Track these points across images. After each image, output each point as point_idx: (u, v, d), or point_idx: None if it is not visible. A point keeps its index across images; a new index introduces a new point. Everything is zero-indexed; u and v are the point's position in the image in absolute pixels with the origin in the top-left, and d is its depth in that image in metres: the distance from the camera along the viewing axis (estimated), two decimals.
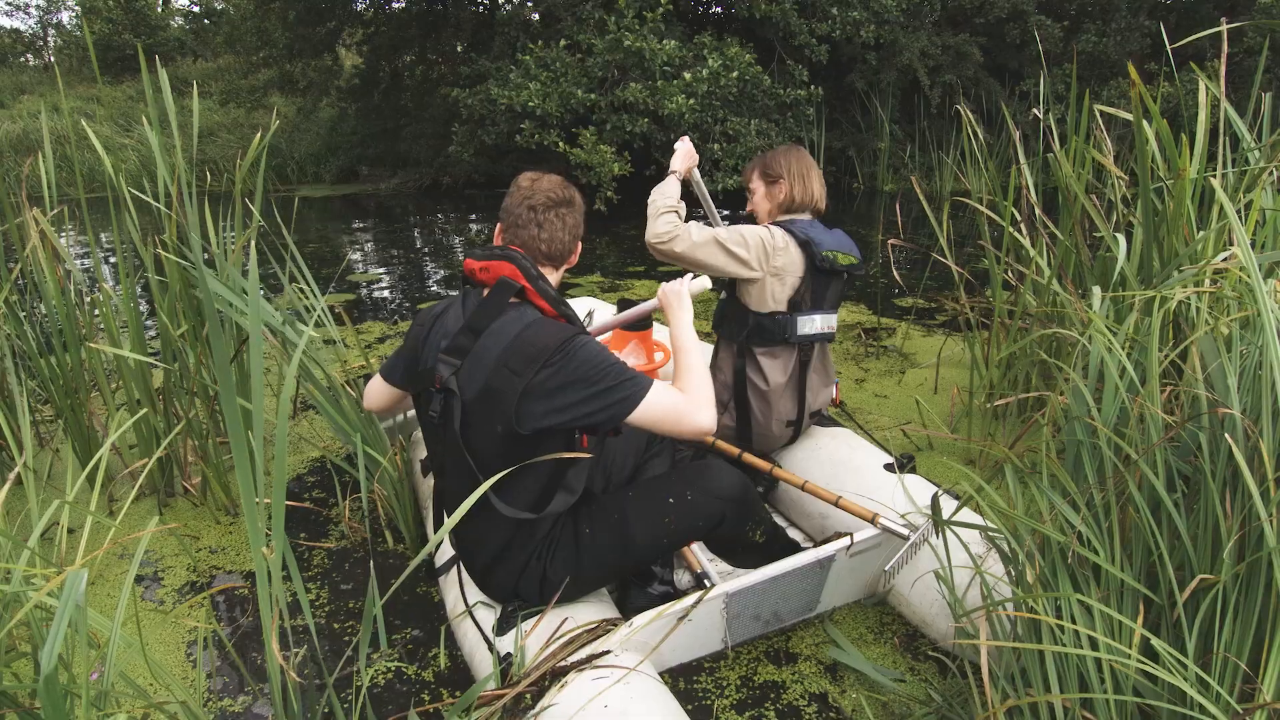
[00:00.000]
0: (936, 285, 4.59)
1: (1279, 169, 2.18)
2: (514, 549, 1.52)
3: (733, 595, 1.62)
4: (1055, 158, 2.50)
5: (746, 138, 7.47)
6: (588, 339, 1.43)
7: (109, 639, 1.06)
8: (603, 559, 1.56)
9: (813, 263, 2.02)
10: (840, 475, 2.05)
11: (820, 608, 1.83)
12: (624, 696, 1.30)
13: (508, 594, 1.56)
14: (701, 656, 1.73)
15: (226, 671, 1.70)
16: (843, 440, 2.20)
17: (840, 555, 1.70)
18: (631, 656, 1.41)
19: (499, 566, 1.54)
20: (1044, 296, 2.50)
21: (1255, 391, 1.15)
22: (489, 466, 1.39)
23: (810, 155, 2.17)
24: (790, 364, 2.10)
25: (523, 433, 1.38)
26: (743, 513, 1.65)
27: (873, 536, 1.72)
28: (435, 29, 9.84)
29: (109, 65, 15.62)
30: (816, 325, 2.09)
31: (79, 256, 5.95)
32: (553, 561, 1.53)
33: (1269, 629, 1.03)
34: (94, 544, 2.14)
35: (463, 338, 1.43)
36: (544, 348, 1.37)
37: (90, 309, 2.46)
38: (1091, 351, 1.38)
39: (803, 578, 1.70)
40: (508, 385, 1.37)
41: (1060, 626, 1.17)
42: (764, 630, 1.79)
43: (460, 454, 1.42)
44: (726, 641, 1.73)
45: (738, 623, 1.70)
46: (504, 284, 1.45)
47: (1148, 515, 1.17)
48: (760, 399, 2.10)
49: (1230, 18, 8.85)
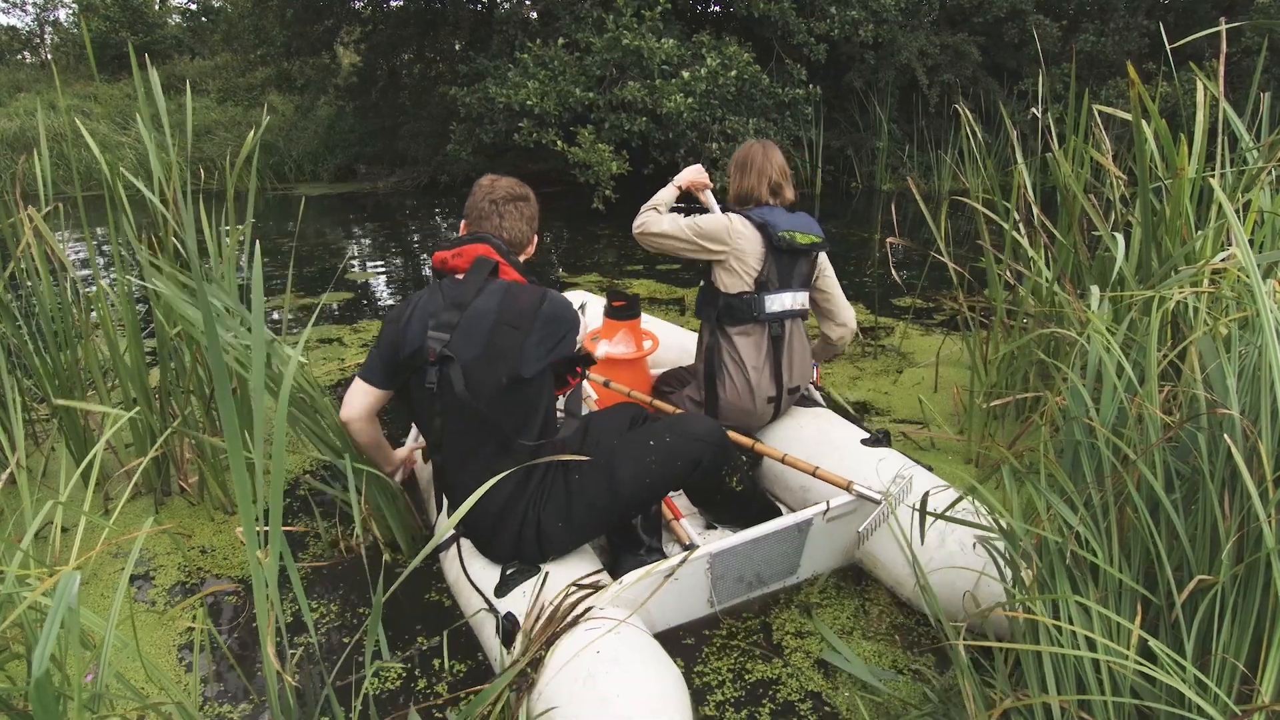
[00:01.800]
0: (934, 285, 4.59)
1: (1278, 168, 2.18)
2: (514, 502, 1.66)
3: (716, 556, 1.74)
4: (1054, 157, 2.49)
5: (745, 137, 7.46)
6: (555, 293, 1.73)
7: (103, 640, 1.05)
8: (592, 502, 1.69)
9: (771, 242, 2.18)
10: (821, 450, 2.14)
11: (801, 572, 1.93)
12: (614, 644, 1.41)
13: (507, 554, 1.69)
14: (691, 621, 1.82)
15: (223, 672, 1.69)
16: (823, 419, 2.32)
17: (818, 520, 1.83)
18: (622, 611, 1.52)
19: (500, 528, 1.68)
20: (1042, 296, 2.50)
21: (1254, 392, 1.14)
22: (502, 415, 1.63)
23: (770, 149, 2.32)
24: (763, 341, 2.25)
25: (526, 376, 1.62)
26: (718, 456, 1.79)
27: (848, 502, 1.86)
28: (433, 27, 9.82)
29: (106, 63, 15.58)
30: (785, 303, 2.25)
31: (76, 254, 5.93)
32: (546, 509, 1.67)
33: (1267, 630, 1.03)
34: (88, 543, 2.13)
35: (449, 314, 1.64)
36: (532, 304, 1.65)
37: (86, 307, 2.45)
38: (1090, 351, 1.38)
39: (782, 540, 1.82)
40: (510, 340, 1.62)
41: (1058, 627, 1.17)
42: (749, 593, 1.89)
43: (463, 412, 1.62)
44: (713, 603, 1.83)
45: (722, 584, 1.81)
46: (481, 262, 1.69)
47: (1146, 516, 1.16)
48: (740, 376, 2.23)
49: (1228, 17, 8.86)
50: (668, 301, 4.58)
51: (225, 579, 2.03)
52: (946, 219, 2.82)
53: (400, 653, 1.73)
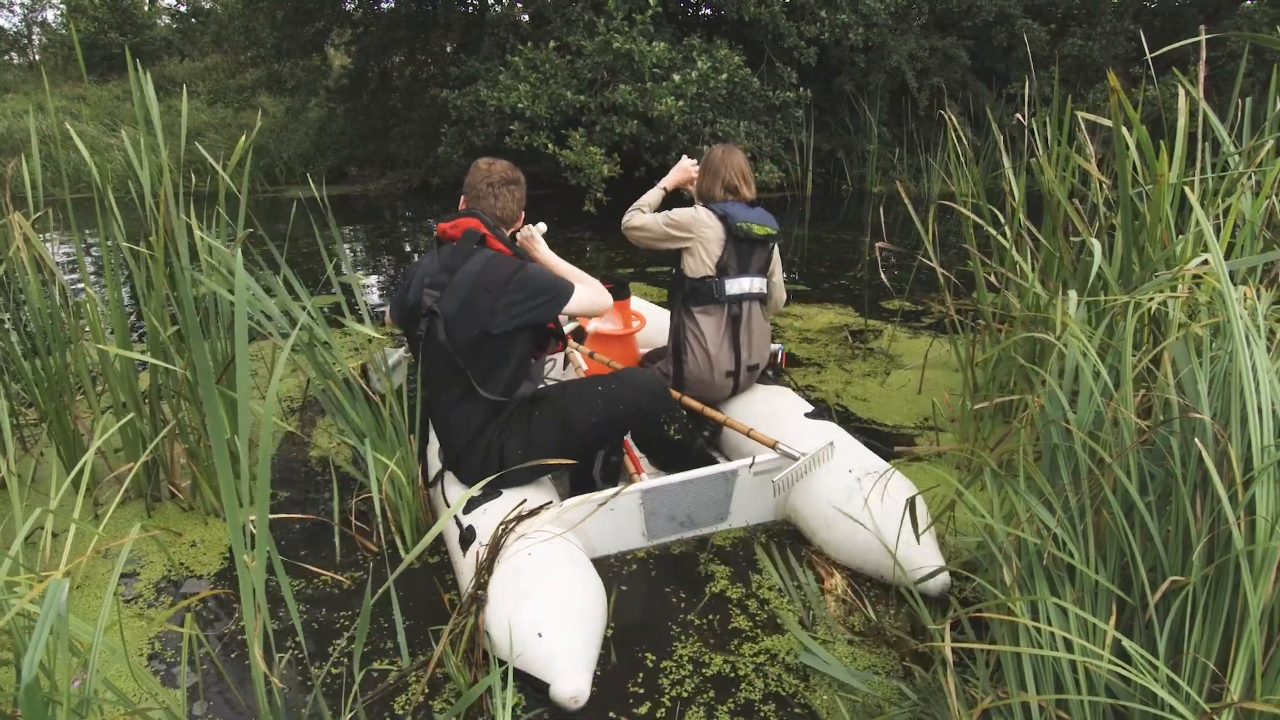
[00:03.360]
0: (923, 288, 4.63)
1: (1258, 173, 2.22)
2: (484, 432, 1.98)
3: (648, 492, 2.02)
4: (1038, 163, 2.52)
5: (736, 140, 7.49)
6: (533, 264, 1.99)
7: (91, 646, 1.06)
8: (547, 434, 2.00)
9: (731, 231, 2.45)
10: (768, 420, 2.39)
11: (732, 519, 2.19)
12: (546, 551, 1.71)
13: (474, 478, 1.91)
14: (626, 549, 2.09)
15: (212, 677, 1.69)
16: (776, 394, 2.61)
17: (743, 472, 2.11)
18: (560, 529, 1.81)
19: (469, 453, 2.00)
20: (1027, 299, 2.53)
21: (1225, 396, 1.17)
22: (469, 363, 1.93)
23: (729, 153, 2.58)
24: (723, 321, 2.50)
25: (494, 333, 1.90)
26: (657, 404, 2.13)
27: (772, 459, 2.12)
28: (424, 30, 9.81)
29: (95, 64, 15.48)
30: (743, 286, 2.51)
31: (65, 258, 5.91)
32: (509, 439, 1.99)
33: (1236, 629, 1.05)
34: (78, 549, 2.13)
35: (441, 275, 1.95)
36: (507, 273, 1.92)
37: (75, 311, 2.45)
38: (1068, 356, 1.40)
39: (710, 486, 2.09)
40: (484, 301, 1.90)
41: (1037, 628, 1.19)
42: (680, 532, 2.13)
43: (445, 356, 1.93)
44: (646, 536, 2.10)
45: (655, 520, 2.08)
46: (470, 233, 1.98)
47: (1121, 518, 1.19)
48: (702, 352, 2.50)
49: (1214, 22, 8.96)
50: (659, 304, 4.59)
51: (215, 580, 2.03)
52: (934, 222, 2.84)
53: (389, 659, 1.74)
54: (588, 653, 1.56)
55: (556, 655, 1.52)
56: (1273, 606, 1.04)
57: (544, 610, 1.57)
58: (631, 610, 1.89)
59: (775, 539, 2.15)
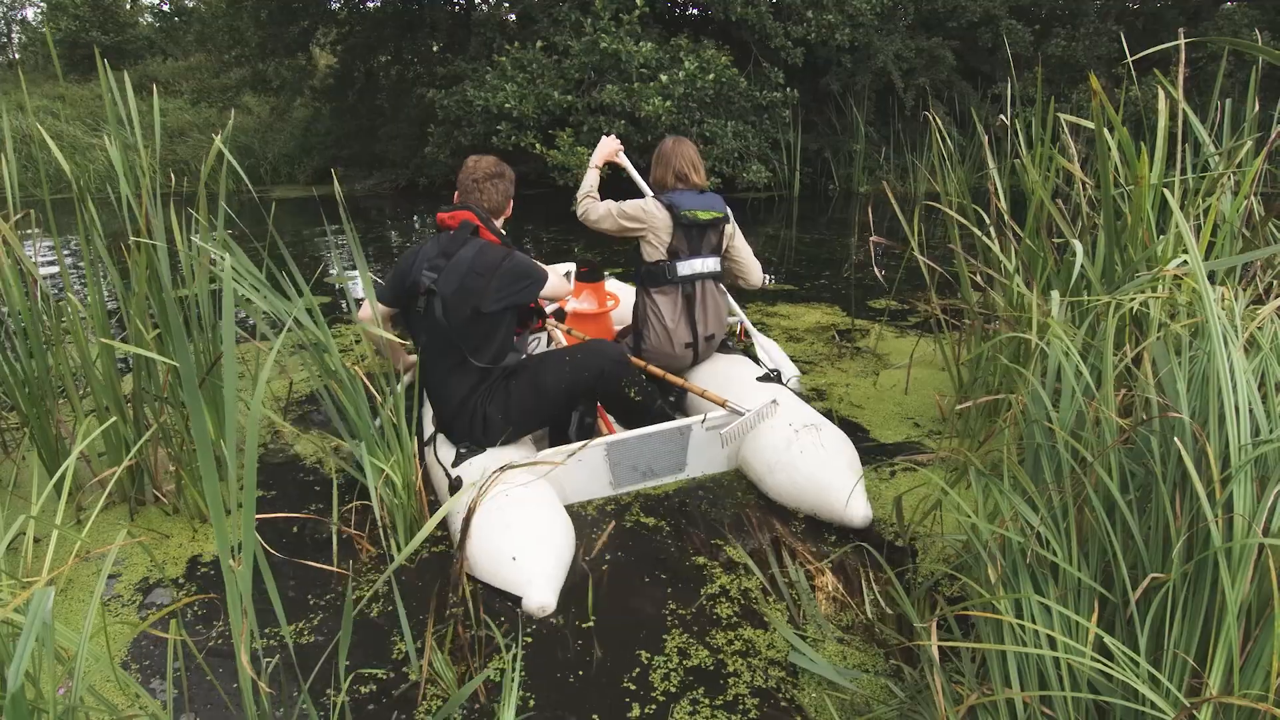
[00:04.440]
0: (910, 287, 4.66)
1: (1237, 174, 2.25)
2: (471, 398, 2.28)
3: (611, 445, 2.30)
4: (1021, 164, 2.55)
5: (723, 139, 7.51)
6: (519, 253, 2.31)
7: (77, 653, 1.05)
8: (523, 399, 2.31)
9: (677, 219, 2.69)
10: (726, 384, 2.66)
11: (689, 470, 2.45)
12: (523, 493, 2.02)
13: (462, 437, 2.32)
14: (597, 498, 2.36)
15: (198, 682, 1.68)
16: (734, 361, 2.89)
17: (696, 426, 2.38)
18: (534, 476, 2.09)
19: (458, 416, 2.31)
20: (1012, 300, 2.55)
21: (1203, 396, 1.19)
22: (463, 338, 2.24)
23: (679, 144, 2.81)
24: (678, 299, 2.76)
25: (485, 311, 2.22)
26: (617, 370, 2.39)
27: (722, 415, 2.40)
28: (411, 29, 9.77)
29: (76, 63, 15.30)
30: (695, 267, 2.76)
31: (45, 259, 5.84)
32: (490, 403, 2.30)
33: (1215, 626, 1.07)
34: (61, 553, 2.11)
35: (439, 259, 2.25)
36: (497, 260, 2.24)
37: (56, 314, 2.42)
38: (1050, 356, 1.42)
39: (667, 440, 2.37)
40: (477, 284, 2.21)
41: (1021, 626, 1.20)
42: (643, 481, 2.40)
43: (441, 331, 2.24)
44: (613, 485, 2.37)
45: (619, 469, 2.35)
46: (465, 224, 2.29)
47: (1103, 516, 1.20)
48: (660, 328, 2.76)
49: (1194, 24, 9.06)
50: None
51: (201, 584, 2.02)
52: (920, 222, 2.86)
53: (379, 661, 1.74)
54: (555, 573, 1.88)
55: (528, 574, 1.83)
56: (1250, 603, 1.06)
57: (518, 539, 1.89)
58: (619, 606, 1.90)
59: (770, 546, 2.17)
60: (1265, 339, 1.22)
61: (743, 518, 2.27)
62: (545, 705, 1.59)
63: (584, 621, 1.84)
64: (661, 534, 2.20)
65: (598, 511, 2.32)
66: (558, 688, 1.64)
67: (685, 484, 2.45)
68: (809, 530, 2.19)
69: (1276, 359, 1.20)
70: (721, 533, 2.20)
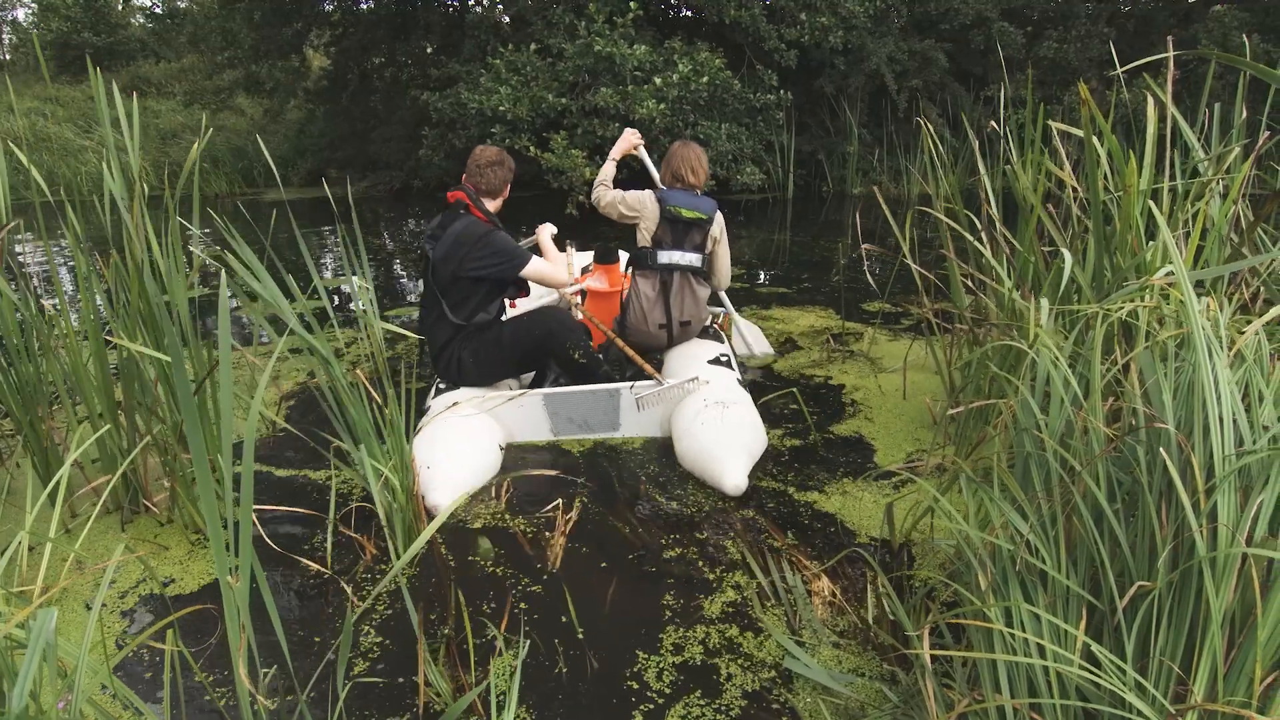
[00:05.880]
0: (903, 290, 4.68)
1: (1225, 179, 2.28)
2: (450, 344, 2.80)
3: (548, 396, 2.70)
4: (1013, 170, 2.56)
5: (717, 141, 7.53)
6: (500, 231, 2.74)
7: (76, 667, 1.06)
8: (490, 351, 2.78)
9: (664, 213, 3.02)
10: (687, 364, 2.99)
11: (623, 430, 2.79)
12: (462, 423, 2.55)
13: (443, 375, 2.87)
14: (539, 439, 2.77)
15: (195, 693, 1.69)
16: (700, 345, 3.17)
17: (625, 392, 2.71)
18: (485, 414, 2.65)
19: (441, 355, 2.83)
20: (1005, 305, 2.57)
21: (1189, 406, 1.20)
22: (445, 295, 2.76)
23: (682, 148, 3.11)
24: (655, 284, 3.08)
25: (462, 275, 2.70)
26: (563, 333, 2.77)
27: (649, 384, 2.72)
28: (404, 31, 9.76)
29: (68, 64, 15.24)
30: (674, 258, 3.06)
31: (36, 263, 5.82)
32: (464, 350, 2.78)
33: (1199, 633, 1.08)
34: (55, 562, 2.11)
35: (437, 231, 2.77)
36: (477, 234, 2.69)
37: (48, 322, 2.41)
38: (1039, 364, 1.44)
39: (597, 399, 2.71)
40: (458, 252, 2.69)
41: (1011, 634, 1.22)
42: (579, 433, 2.77)
43: (431, 288, 2.78)
44: (553, 432, 2.77)
45: (557, 419, 2.74)
46: (458, 202, 2.78)
47: (1091, 524, 1.22)
48: (639, 307, 3.10)
49: (1184, 26, 9.10)
50: None
51: (197, 593, 2.02)
52: (912, 227, 2.88)
53: (377, 670, 1.74)
54: (456, 481, 2.32)
55: (433, 481, 2.27)
56: (1233, 611, 1.08)
57: (438, 452, 2.37)
58: (615, 606, 1.91)
59: (767, 546, 2.18)
60: (1249, 350, 1.24)
61: (735, 522, 2.28)
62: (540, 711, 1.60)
63: (576, 631, 1.85)
64: (653, 539, 2.21)
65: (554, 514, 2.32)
66: (552, 694, 1.65)
67: (678, 495, 2.46)
68: (806, 535, 2.21)
69: (1260, 370, 1.22)
70: (716, 536, 2.21)
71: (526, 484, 2.50)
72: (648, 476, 2.55)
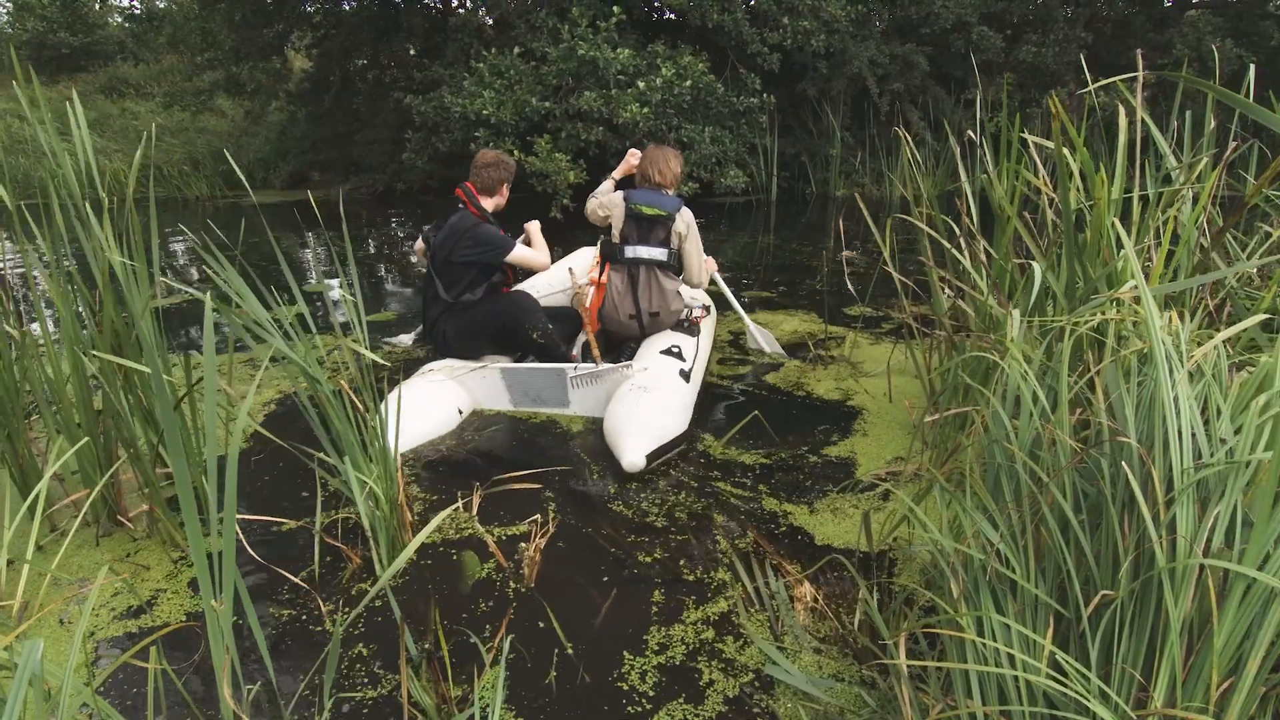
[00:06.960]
0: (884, 294, 4.73)
1: (1195, 187, 2.33)
2: (440, 318, 3.27)
3: (506, 370, 3.07)
4: (989, 179, 2.61)
5: (701, 145, 7.57)
6: (489, 225, 3.24)
7: (60, 689, 1.06)
8: (468, 328, 3.24)
9: (627, 209, 3.28)
10: (646, 351, 3.24)
11: (573, 408, 3.09)
12: (430, 386, 3.00)
13: (434, 345, 3.37)
14: (500, 408, 3.15)
15: (177, 713, 1.69)
16: (667, 338, 3.38)
17: (570, 371, 3.00)
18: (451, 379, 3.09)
19: (431, 331, 3.31)
20: (982, 313, 2.61)
21: (1150, 420, 1.24)
22: (439, 276, 3.23)
23: (651, 151, 3.36)
24: (624, 277, 3.35)
25: (454, 261, 3.19)
26: (523, 316, 3.18)
27: (588, 366, 3.01)
28: (387, 33, 9.72)
29: (44, 64, 15.02)
30: (639, 253, 3.31)
31: (13, 267, 5.74)
32: (448, 325, 3.25)
33: (1160, 641, 1.12)
34: (34, 576, 2.10)
35: (439, 222, 3.27)
36: (467, 226, 3.18)
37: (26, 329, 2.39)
38: (1009, 377, 1.47)
39: (546, 377, 3.04)
40: (453, 241, 3.17)
41: (981, 643, 1.25)
42: (534, 406, 3.12)
43: (430, 271, 3.27)
44: (512, 403, 3.13)
45: (514, 392, 3.10)
46: (456, 198, 3.28)
47: (1058, 534, 1.26)
48: (610, 298, 3.37)
49: (1160, 30, 9.24)
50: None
51: (178, 612, 2.02)
52: (892, 232, 2.92)
53: (362, 689, 1.75)
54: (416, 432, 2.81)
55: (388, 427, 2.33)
56: (1191, 619, 1.11)
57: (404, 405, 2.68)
58: (597, 614, 1.93)
59: (751, 551, 2.21)
60: (1208, 366, 1.28)
61: (718, 528, 2.31)
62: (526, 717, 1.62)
63: (560, 639, 1.86)
64: (634, 544, 2.23)
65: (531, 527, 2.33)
66: (536, 700, 1.67)
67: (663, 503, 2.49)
68: (789, 540, 2.24)
69: (1218, 385, 1.26)
70: (699, 542, 2.24)
71: (503, 494, 2.51)
72: (627, 480, 2.57)
